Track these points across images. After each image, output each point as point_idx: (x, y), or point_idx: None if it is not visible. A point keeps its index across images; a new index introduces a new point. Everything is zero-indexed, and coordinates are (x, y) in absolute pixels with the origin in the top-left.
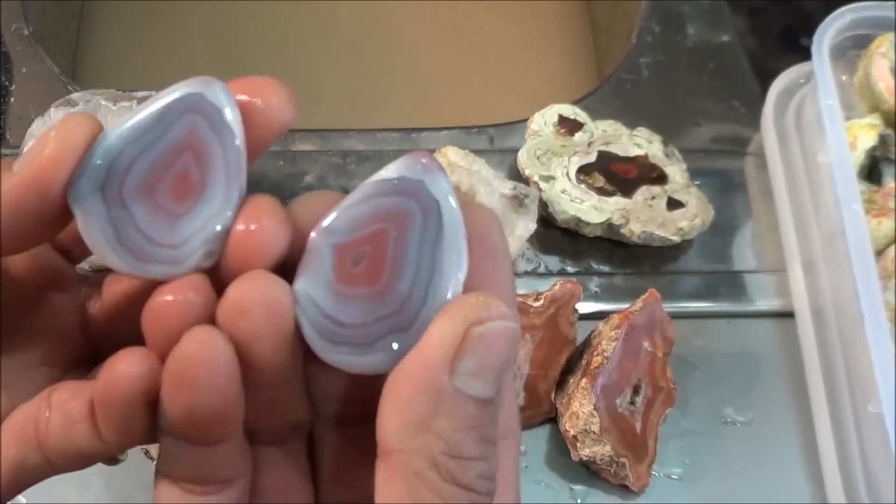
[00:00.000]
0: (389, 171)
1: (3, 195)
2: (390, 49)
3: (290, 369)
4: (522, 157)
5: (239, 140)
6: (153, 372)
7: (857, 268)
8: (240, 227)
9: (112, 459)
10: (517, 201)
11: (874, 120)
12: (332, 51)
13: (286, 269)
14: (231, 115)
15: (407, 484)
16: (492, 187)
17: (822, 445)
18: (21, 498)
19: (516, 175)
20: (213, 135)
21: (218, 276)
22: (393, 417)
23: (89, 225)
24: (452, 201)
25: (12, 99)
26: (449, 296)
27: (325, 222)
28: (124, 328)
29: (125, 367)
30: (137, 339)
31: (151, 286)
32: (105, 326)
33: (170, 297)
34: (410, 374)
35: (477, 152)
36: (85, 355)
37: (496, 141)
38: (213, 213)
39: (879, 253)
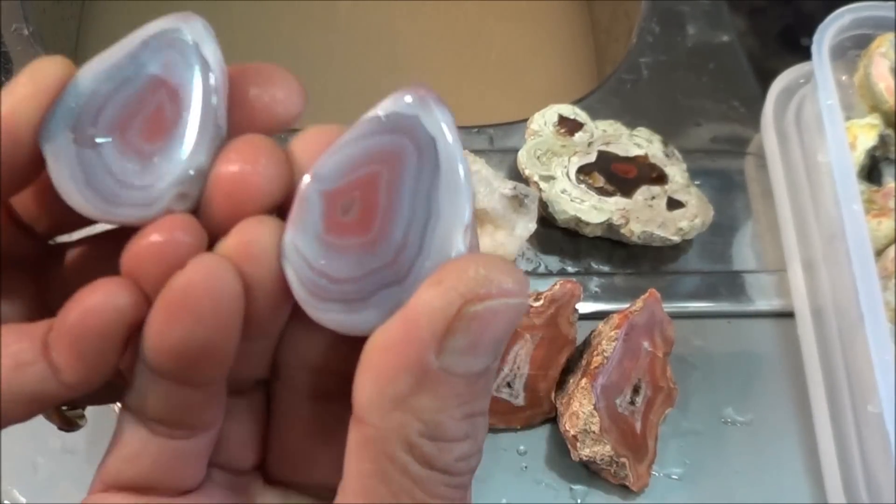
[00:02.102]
0: (382, 107)
1: None
2: (391, 49)
3: (279, 324)
4: (522, 157)
5: (218, 78)
6: (139, 303)
7: (857, 268)
8: (232, 167)
9: (71, 425)
10: (517, 201)
11: (874, 120)
12: (332, 50)
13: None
14: (210, 51)
15: (377, 463)
16: (492, 187)
17: (822, 445)
18: (21, 497)
19: (516, 175)
20: (188, 71)
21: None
22: (369, 387)
23: (58, 166)
24: (450, 136)
25: None
26: (451, 248)
27: (315, 167)
28: None
29: (107, 297)
30: None
31: (114, 255)
32: (64, 297)
33: (156, 238)
34: (393, 345)
35: (477, 152)
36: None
37: (496, 141)
38: (188, 152)
39: (879, 253)
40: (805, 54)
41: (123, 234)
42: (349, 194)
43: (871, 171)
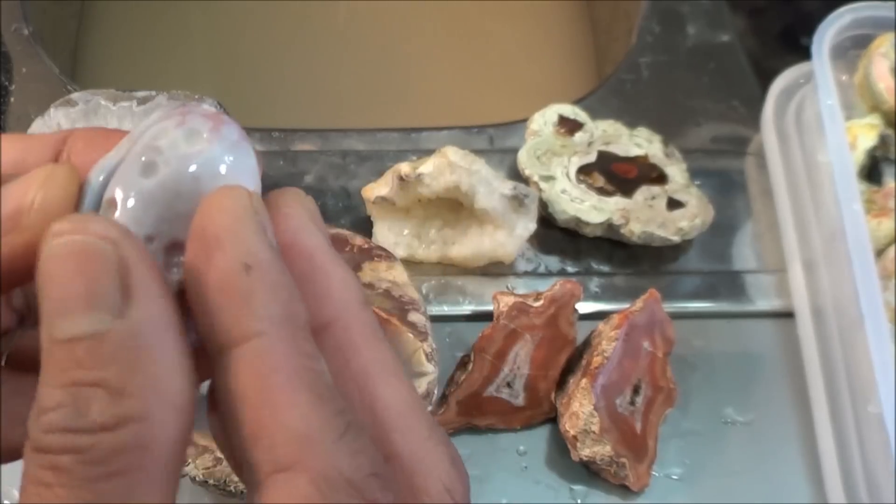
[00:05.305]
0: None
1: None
2: (390, 49)
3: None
4: (522, 157)
5: None
6: None
7: (857, 268)
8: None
9: None
10: (517, 201)
11: (874, 120)
12: (332, 51)
13: None
14: None
15: None
16: (492, 187)
17: (822, 445)
18: (15, 491)
19: (516, 175)
20: None
21: None
22: None
23: None
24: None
25: (12, 99)
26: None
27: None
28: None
29: None
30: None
31: None
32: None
33: None
34: None
35: (477, 152)
36: None
37: (496, 141)
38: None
39: (879, 253)
40: (805, 54)
41: None
42: None
43: (871, 171)
